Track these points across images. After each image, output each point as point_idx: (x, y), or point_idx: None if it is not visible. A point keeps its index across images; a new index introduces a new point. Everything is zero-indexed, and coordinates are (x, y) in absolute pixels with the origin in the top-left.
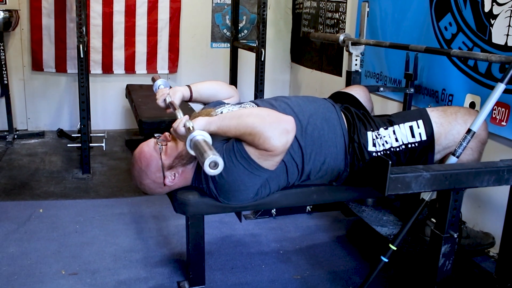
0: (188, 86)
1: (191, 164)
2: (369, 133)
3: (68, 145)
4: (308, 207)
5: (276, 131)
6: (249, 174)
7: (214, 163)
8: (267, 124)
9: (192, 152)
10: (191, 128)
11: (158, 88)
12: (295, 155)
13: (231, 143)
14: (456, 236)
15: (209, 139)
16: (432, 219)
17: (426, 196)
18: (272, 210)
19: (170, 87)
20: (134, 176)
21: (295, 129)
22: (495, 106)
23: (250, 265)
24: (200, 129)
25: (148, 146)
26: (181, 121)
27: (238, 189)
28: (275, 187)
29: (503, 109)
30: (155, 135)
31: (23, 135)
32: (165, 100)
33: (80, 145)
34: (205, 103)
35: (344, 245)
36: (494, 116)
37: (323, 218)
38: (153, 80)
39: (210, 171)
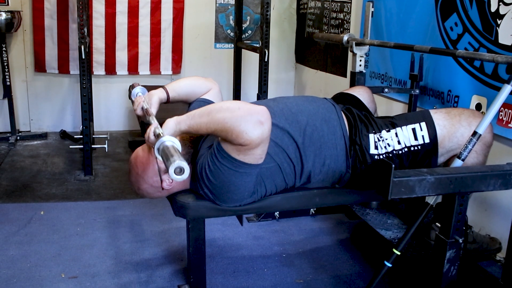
0: (164, 87)
1: None
2: (371, 136)
3: (71, 146)
4: (311, 209)
5: (248, 124)
6: (234, 173)
7: (179, 169)
8: (238, 118)
9: (160, 159)
10: (161, 134)
11: (136, 96)
12: (292, 155)
13: (213, 146)
14: (461, 241)
15: (178, 145)
16: (437, 223)
17: (431, 199)
18: (275, 213)
19: None
20: (131, 182)
21: (270, 118)
22: (502, 108)
23: (252, 269)
24: (170, 132)
25: (144, 151)
26: (151, 129)
27: (229, 190)
28: (271, 186)
29: (510, 111)
30: None
31: (25, 136)
32: (142, 107)
33: (82, 146)
34: (186, 102)
35: (348, 249)
36: (500, 118)
37: (327, 220)
38: (132, 87)
39: (176, 177)
